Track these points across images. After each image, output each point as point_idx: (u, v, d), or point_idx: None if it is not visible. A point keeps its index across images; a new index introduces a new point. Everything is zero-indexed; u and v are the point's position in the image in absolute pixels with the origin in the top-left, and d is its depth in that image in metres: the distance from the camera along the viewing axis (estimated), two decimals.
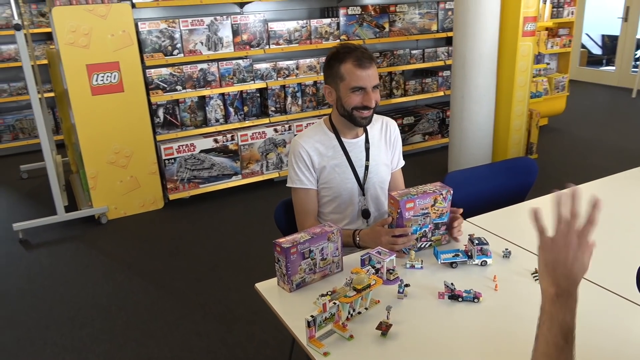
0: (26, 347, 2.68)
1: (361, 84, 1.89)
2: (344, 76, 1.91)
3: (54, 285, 3.26)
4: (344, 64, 1.90)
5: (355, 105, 1.92)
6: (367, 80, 1.89)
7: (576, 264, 0.99)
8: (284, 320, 1.48)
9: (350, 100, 1.91)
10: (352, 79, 1.89)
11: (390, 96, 5.26)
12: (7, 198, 4.74)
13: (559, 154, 5.26)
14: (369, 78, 1.89)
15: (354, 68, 1.88)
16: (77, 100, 3.87)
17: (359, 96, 1.91)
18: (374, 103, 1.92)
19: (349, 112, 1.94)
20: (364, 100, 1.91)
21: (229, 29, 4.30)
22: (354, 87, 1.89)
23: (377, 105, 1.95)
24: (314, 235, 1.63)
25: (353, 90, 1.90)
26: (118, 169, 4.10)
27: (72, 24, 3.71)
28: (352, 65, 1.88)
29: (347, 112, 1.95)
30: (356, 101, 1.91)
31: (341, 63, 1.91)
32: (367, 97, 1.90)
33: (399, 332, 1.39)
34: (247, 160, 4.54)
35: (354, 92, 1.90)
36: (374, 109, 1.96)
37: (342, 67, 1.90)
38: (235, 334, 2.70)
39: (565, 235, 1.00)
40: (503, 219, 2.07)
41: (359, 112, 1.93)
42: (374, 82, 1.91)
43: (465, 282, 1.60)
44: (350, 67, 1.89)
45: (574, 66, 8.65)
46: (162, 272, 3.35)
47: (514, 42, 4.39)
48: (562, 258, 0.99)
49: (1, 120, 5.83)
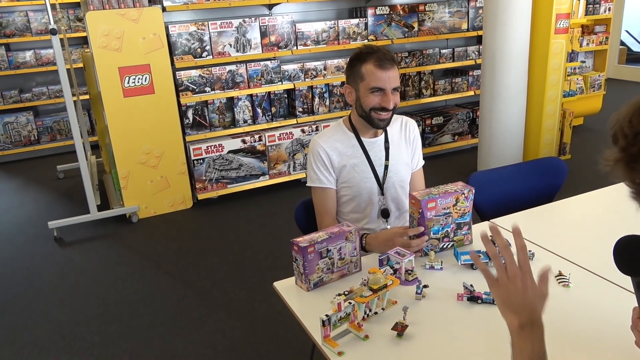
0: (57, 341, 2.76)
1: (380, 85, 1.88)
2: (364, 76, 1.90)
3: (86, 282, 3.35)
4: (365, 64, 1.90)
5: (373, 106, 1.91)
6: (387, 82, 1.88)
7: (528, 292, 1.00)
8: (300, 319, 1.48)
9: (368, 101, 1.91)
10: (372, 79, 1.88)
11: (419, 96, 5.21)
12: (43, 197, 4.90)
13: (593, 155, 5.08)
14: (389, 79, 1.88)
15: (375, 68, 1.87)
16: (110, 102, 3.97)
17: (377, 97, 1.90)
18: (392, 105, 1.91)
19: (367, 112, 1.93)
20: (382, 101, 1.90)
21: (257, 31, 4.34)
22: (373, 88, 1.89)
23: (395, 107, 1.94)
24: (332, 234, 1.62)
25: (372, 91, 1.89)
26: (148, 169, 4.19)
27: (105, 27, 3.81)
28: (373, 65, 1.88)
29: (365, 113, 1.94)
30: (375, 102, 1.90)
31: (362, 63, 1.91)
32: (386, 98, 1.89)
33: (415, 333, 1.37)
34: (275, 160, 4.57)
35: (373, 92, 1.89)
36: (392, 112, 1.95)
37: (363, 67, 1.90)
38: (258, 332, 2.72)
39: (504, 269, 1.02)
40: (528, 220, 2.03)
41: (376, 114, 1.92)
42: (394, 84, 1.90)
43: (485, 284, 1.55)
44: (371, 68, 1.88)
45: (611, 64, 8.38)
46: (189, 271, 3.41)
47: (546, 40, 4.29)
48: (513, 290, 1.01)
49: (40, 122, 6.04)
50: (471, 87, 5.36)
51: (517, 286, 1.01)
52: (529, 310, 1.02)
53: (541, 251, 1.75)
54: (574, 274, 1.59)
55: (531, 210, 2.10)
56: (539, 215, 2.08)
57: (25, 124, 5.96)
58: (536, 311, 1.03)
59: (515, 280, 1.02)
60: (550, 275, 1.60)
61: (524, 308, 1.01)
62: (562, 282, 1.56)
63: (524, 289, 1.01)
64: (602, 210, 2.12)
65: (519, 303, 1.02)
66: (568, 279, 1.56)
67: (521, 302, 1.02)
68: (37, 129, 6.03)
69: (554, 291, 1.53)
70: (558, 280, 1.57)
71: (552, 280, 1.59)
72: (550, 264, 1.66)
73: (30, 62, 5.91)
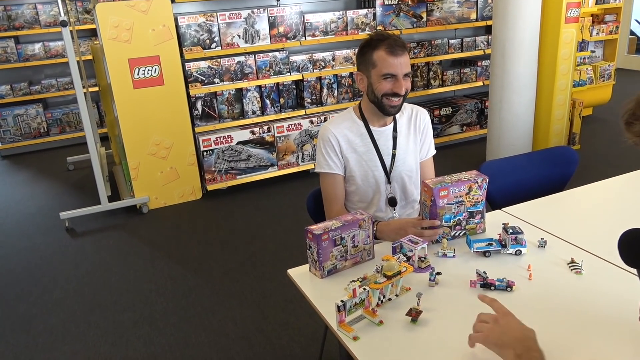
0: (71, 330, 2.80)
1: (392, 71, 1.89)
2: (375, 63, 1.91)
3: (98, 272, 3.39)
4: (376, 50, 1.90)
5: (385, 92, 1.92)
6: (399, 68, 1.89)
7: (512, 332, 1.10)
8: (315, 305, 1.50)
9: (380, 87, 1.91)
10: (384, 65, 1.89)
11: (427, 87, 5.20)
12: (54, 188, 4.94)
13: (603, 145, 5.08)
14: (401, 66, 1.89)
15: (386, 55, 1.88)
16: (120, 93, 3.99)
17: (389, 83, 1.91)
18: (404, 90, 1.92)
19: (379, 99, 1.94)
20: (394, 87, 1.90)
21: (265, 22, 4.34)
22: (385, 74, 1.90)
23: (407, 93, 1.95)
24: (346, 222, 1.64)
25: (384, 77, 1.90)
26: (158, 160, 4.22)
27: (114, 19, 3.82)
28: (384, 52, 1.88)
29: (377, 99, 1.95)
30: (387, 88, 1.91)
31: (374, 50, 1.91)
32: (398, 84, 1.90)
33: (429, 319, 1.39)
34: (283, 151, 4.58)
35: (385, 78, 1.90)
36: (403, 98, 1.95)
37: (375, 54, 1.91)
38: (269, 320, 2.75)
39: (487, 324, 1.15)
40: (540, 208, 2.03)
41: (388, 100, 1.93)
42: (405, 69, 1.91)
43: (498, 271, 1.58)
44: (382, 54, 1.89)
45: (621, 54, 8.31)
46: (199, 260, 3.44)
47: (556, 29, 4.27)
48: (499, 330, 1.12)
49: (49, 114, 6.08)
50: (480, 78, 5.34)
51: (505, 332, 1.11)
52: (523, 339, 1.09)
53: (553, 239, 1.76)
54: (586, 261, 1.60)
55: (542, 199, 2.11)
56: (551, 203, 2.08)
57: (34, 116, 6.00)
58: (531, 339, 1.09)
59: (497, 320, 1.14)
60: (563, 263, 1.62)
61: (519, 342, 1.08)
62: (574, 270, 1.57)
63: (510, 331, 1.11)
64: (613, 199, 2.12)
65: (514, 339, 1.09)
66: (580, 266, 1.57)
67: (515, 338, 1.09)
68: (47, 121, 6.07)
69: (567, 278, 1.54)
70: (570, 268, 1.58)
71: (564, 267, 1.60)
72: (563, 251, 1.68)
73: (40, 54, 5.94)
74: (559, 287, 1.50)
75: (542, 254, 1.68)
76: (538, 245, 1.72)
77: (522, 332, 1.11)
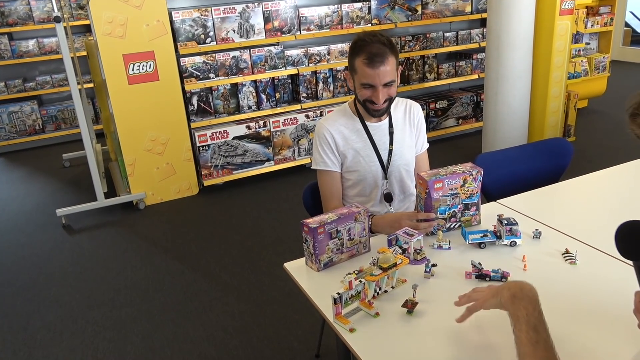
0: (69, 326, 2.80)
1: (370, 82, 1.88)
2: (356, 70, 1.91)
3: (95, 268, 3.39)
4: (357, 58, 1.89)
5: (365, 98, 1.93)
6: (377, 79, 1.87)
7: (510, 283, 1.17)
8: (312, 298, 1.51)
9: (362, 93, 1.93)
10: (362, 75, 1.89)
11: (423, 80, 5.20)
12: (50, 185, 4.93)
13: (598, 137, 5.10)
14: (379, 76, 1.86)
15: (364, 66, 1.86)
16: (115, 89, 3.98)
17: (369, 91, 1.91)
18: (383, 100, 1.91)
19: (362, 103, 1.96)
20: (372, 96, 1.91)
21: (260, 16, 4.33)
22: (364, 83, 1.90)
23: (390, 99, 1.95)
24: (341, 215, 1.64)
25: (363, 85, 1.90)
26: (154, 156, 4.21)
27: (108, 15, 3.80)
28: (362, 62, 1.86)
29: (361, 103, 1.98)
30: (366, 95, 1.92)
31: (355, 56, 1.90)
32: (376, 94, 1.89)
33: (424, 310, 1.40)
34: (279, 146, 4.58)
35: (364, 87, 1.91)
36: (389, 102, 1.96)
37: (356, 61, 1.90)
38: (267, 315, 2.76)
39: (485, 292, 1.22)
40: (534, 200, 2.04)
41: (371, 105, 1.94)
42: (385, 79, 1.88)
43: (493, 262, 1.59)
44: (360, 64, 1.87)
45: (616, 46, 8.32)
46: (197, 256, 3.44)
47: (551, 21, 4.27)
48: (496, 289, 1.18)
49: (44, 111, 6.05)
50: (475, 71, 5.35)
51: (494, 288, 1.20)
52: (516, 283, 1.15)
53: (548, 230, 1.77)
54: (581, 251, 1.61)
55: (537, 191, 2.12)
56: (546, 195, 2.10)
57: (29, 113, 5.98)
58: (523, 282, 1.15)
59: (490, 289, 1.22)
60: (557, 253, 1.63)
61: (512, 285, 1.15)
62: (568, 260, 1.58)
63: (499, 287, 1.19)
64: (607, 190, 2.13)
65: (506, 285, 1.16)
66: (575, 257, 1.58)
67: (507, 285, 1.16)
68: (42, 118, 6.05)
69: (561, 268, 1.56)
70: (565, 258, 1.60)
71: (559, 257, 1.61)
72: (557, 242, 1.69)
73: (34, 51, 5.91)
74: (554, 277, 1.52)
75: (537, 244, 1.70)
76: (533, 236, 1.73)
77: (514, 282, 1.17)
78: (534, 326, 1.04)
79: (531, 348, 1.01)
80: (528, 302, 1.09)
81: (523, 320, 1.06)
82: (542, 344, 1.02)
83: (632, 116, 0.94)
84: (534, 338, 1.02)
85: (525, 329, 1.04)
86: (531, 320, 1.05)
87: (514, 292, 1.12)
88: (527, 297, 1.10)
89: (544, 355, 1.00)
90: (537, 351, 1.00)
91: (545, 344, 1.02)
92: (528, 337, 1.03)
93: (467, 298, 1.27)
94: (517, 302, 1.10)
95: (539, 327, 1.04)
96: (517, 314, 1.08)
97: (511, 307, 1.11)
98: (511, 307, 1.11)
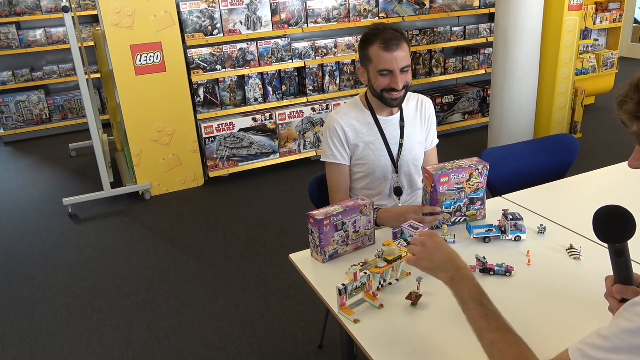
0: (75, 313, 2.83)
1: (387, 67, 1.88)
2: (372, 58, 1.91)
3: (101, 257, 3.42)
4: (371, 46, 1.90)
5: (384, 87, 1.92)
6: (394, 63, 1.88)
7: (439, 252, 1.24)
8: (316, 289, 1.52)
9: (378, 82, 1.92)
10: (379, 61, 1.89)
11: (429, 74, 5.18)
12: (57, 175, 4.96)
13: (604, 134, 5.08)
14: (396, 60, 1.88)
15: (380, 50, 1.87)
16: (122, 80, 3.99)
17: (386, 78, 1.91)
18: (402, 85, 1.91)
19: (379, 93, 1.95)
20: (391, 82, 1.90)
21: (267, 8, 4.32)
22: (381, 70, 1.90)
23: (407, 86, 1.95)
24: (347, 207, 1.65)
25: (381, 73, 1.90)
26: (160, 146, 4.23)
27: (116, 5, 3.81)
28: (379, 47, 1.87)
29: (377, 94, 1.96)
30: (384, 83, 1.91)
31: (369, 45, 1.91)
32: (395, 79, 1.90)
33: (428, 303, 1.41)
34: (285, 138, 4.59)
35: (381, 74, 1.90)
36: (406, 89, 1.95)
37: (370, 49, 1.91)
38: (271, 305, 2.78)
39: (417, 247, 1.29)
40: (539, 195, 2.05)
41: (388, 94, 1.94)
42: (402, 64, 1.89)
43: (497, 256, 1.60)
44: (376, 50, 1.88)
45: (624, 42, 8.26)
46: (202, 246, 3.46)
47: (559, 17, 4.25)
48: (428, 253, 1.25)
49: (51, 100, 6.08)
50: (482, 66, 5.33)
51: (429, 248, 1.25)
52: (450, 260, 1.22)
53: (552, 225, 1.78)
54: (585, 247, 1.61)
55: (542, 186, 2.12)
56: (551, 190, 2.10)
57: (36, 102, 6.00)
58: (457, 258, 1.22)
59: (424, 243, 1.27)
60: (562, 249, 1.64)
61: (447, 262, 1.22)
62: (573, 255, 1.59)
63: (435, 246, 1.25)
64: (613, 187, 2.13)
65: (442, 258, 1.23)
66: (579, 252, 1.59)
67: (441, 257, 1.23)
68: (49, 107, 6.07)
69: (565, 264, 1.56)
70: (569, 253, 1.60)
71: (563, 253, 1.62)
72: (562, 237, 1.70)
73: (41, 40, 5.93)
74: (558, 272, 1.52)
75: (541, 240, 1.70)
76: (537, 231, 1.74)
77: (447, 252, 1.24)
78: (479, 301, 1.11)
79: (484, 322, 1.08)
80: (467, 281, 1.16)
81: (468, 299, 1.12)
82: (491, 315, 1.09)
83: (620, 103, 1.00)
84: (483, 312, 1.09)
85: (473, 306, 1.11)
86: (475, 296, 1.12)
87: (452, 274, 1.19)
88: (464, 276, 1.17)
89: (497, 325, 1.07)
90: (490, 322, 1.07)
91: (494, 314, 1.09)
92: (478, 312, 1.10)
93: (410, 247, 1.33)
94: (457, 284, 1.17)
95: (483, 300, 1.11)
96: (461, 294, 1.15)
97: (453, 289, 1.17)
98: (453, 289, 1.17)
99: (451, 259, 1.22)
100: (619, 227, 1.08)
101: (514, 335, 1.05)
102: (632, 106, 0.92)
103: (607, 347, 0.89)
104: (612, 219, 1.10)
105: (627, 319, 0.89)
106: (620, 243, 1.08)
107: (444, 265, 1.22)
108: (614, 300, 1.14)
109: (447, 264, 1.22)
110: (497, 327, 1.06)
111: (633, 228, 1.08)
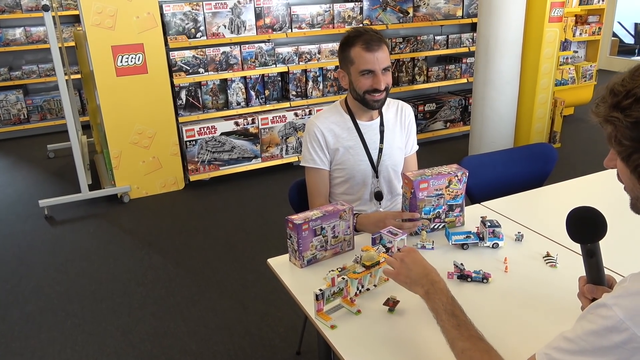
0: (49, 317, 2.77)
1: (370, 67, 1.89)
2: (353, 60, 1.91)
3: (77, 260, 3.36)
4: (353, 47, 1.91)
5: (366, 89, 1.92)
6: (376, 63, 1.89)
7: (416, 268, 1.29)
8: (294, 294, 1.51)
9: (360, 84, 1.93)
10: (361, 62, 1.89)
11: (412, 82, 5.22)
12: (34, 176, 4.87)
13: (583, 144, 5.16)
14: (378, 61, 1.89)
15: (362, 51, 1.88)
16: (102, 81, 3.94)
17: (369, 79, 1.91)
18: (384, 85, 1.92)
19: (361, 95, 1.95)
20: (373, 83, 1.91)
21: (252, 12, 4.31)
22: (363, 70, 1.90)
23: (388, 88, 1.96)
24: (326, 213, 1.65)
25: (363, 74, 1.91)
26: (141, 149, 4.18)
27: (98, 5, 3.77)
28: (361, 48, 1.88)
29: (359, 96, 1.96)
30: (367, 85, 1.92)
31: (351, 47, 1.92)
32: (377, 79, 1.90)
33: (406, 309, 1.41)
34: (267, 143, 4.57)
35: (363, 75, 1.91)
36: (386, 92, 1.96)
37: (352, 51, 1.91)
38: (250, 311, 2.75)
39: (396, 262, 1.33)
40: (517, 203, 2.06)
41: (370, 96, 1.94)
42: (384, 64, 1.91)
43: (475, 263, 1.60)
44: (358, 51, 1.89)
45: (603, 55, 8.43)
46: (180, 251, 3.42)
47: (540, 28, 4.32)
48: (406, 269, 1.30)
49: (30, 100, 5.97)
50: (464, 75, 5.38)
51: (409, 270, 1.29)
52: (426, 275, 1.26)
53: (530, 233, 1.79)
54: (562, 255, 1.63)
55: (521, 194, 2.14)
56: (529, 199, 2.12)
57: (14, 102, 5.89)
58: (432, 273, 1.27)
59: (402, 259, 1.31)
60: (539, 256, 1.65)
61: (423, 277, 1.26)
62: (549, 263, 1.60)
63: (413, 268, 1.29)
64: (590, 196, 2.16)
65: (418, 274, 1.27)
66: (555, 260, 1.60)
67: (418, 272, 1.28)
68: (27, 107, 5.96)
69: (542, 271, 1.57)
70: (546, 261, 1.61)
71: (540, 260, 1.63)
72: (539, 245, 1.71)
73: (21, 39, 5.83)
74: (534, 279, 1.53)
75: (519, 247, 1.71)
76: (515, 238, 1.75)
77: (423, 268, 1.29)
78: (452, 312, 1.16)
79: (456, 331, 1.12)
80: (441, 294, 1.21)
81: (442, 311, 1.17)
82: (463, 325, 1.13)
83: (596, 106, 1.02)
84: (455, 322, 1.14)
85: (446, 318, 1.15)
86: (448, 309, 1.17)
87: (427, 289, 1.24)
88: (439, 290, 1.22)
89: (468, 334, 1.11)
90: (462, 332, 1.11)
91: (466, 324, 1.13)
92: (450, 323, 1.14)
93: (390, 261, 1.38)
94: (432, 297, 1.22)
95: (456, 311, 1.16)
96: (435, 307, 1.20)
97: (428, 302, 1.22)
98: (428, 302, 1.22)
99: (427, 274, 1.27)
100: (591, 228, 1.11)
101: (485, 343, 1.08)
102: (605, 109, 0.95)
103: (572, 349, 0.91)
104: (584, 220, 1.13)
105: (590, 321, 0.90)
106: (592, 244, 1.11)
107: (420, 280, 1.26)
108: (586, 300, 1.17)
109: (423, 278, 1.26)
110: (469, 336, 1.11)
111: (604, 229, 1.11)
